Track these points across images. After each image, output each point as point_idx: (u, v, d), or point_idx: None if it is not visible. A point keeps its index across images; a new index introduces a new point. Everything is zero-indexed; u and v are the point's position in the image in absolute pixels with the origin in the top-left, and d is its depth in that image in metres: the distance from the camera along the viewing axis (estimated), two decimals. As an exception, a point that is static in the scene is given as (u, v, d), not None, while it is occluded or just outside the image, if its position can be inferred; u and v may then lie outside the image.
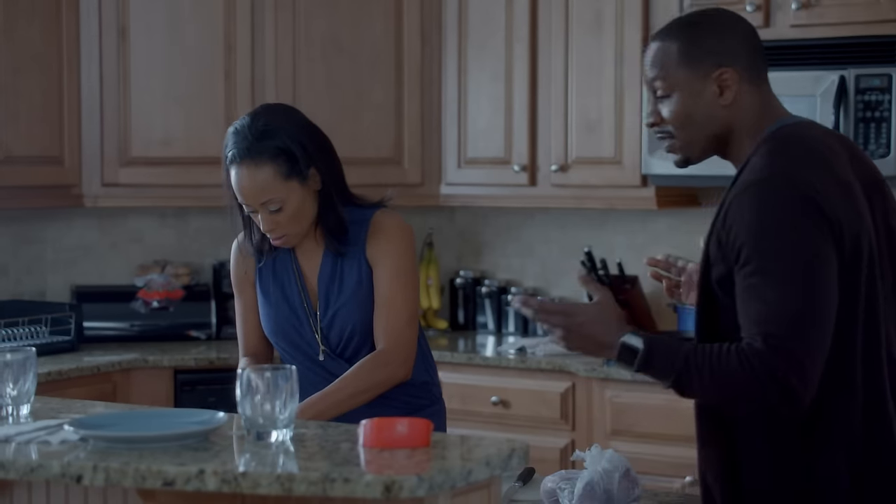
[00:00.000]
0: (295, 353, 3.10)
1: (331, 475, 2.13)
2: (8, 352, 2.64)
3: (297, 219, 3.00)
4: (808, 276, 2.27)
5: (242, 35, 5.02)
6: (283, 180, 2.96)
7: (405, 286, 3.04)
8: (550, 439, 4.48)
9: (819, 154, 2.39)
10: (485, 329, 5.31)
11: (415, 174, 5.10)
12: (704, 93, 2.43)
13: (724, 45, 2.43)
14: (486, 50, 4.96)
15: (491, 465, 2.25)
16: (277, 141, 2.95)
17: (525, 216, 5.32)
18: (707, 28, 2.45)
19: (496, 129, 4.96)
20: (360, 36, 5.05)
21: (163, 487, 2.21)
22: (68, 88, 4.91)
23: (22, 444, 2.39)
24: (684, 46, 2.43)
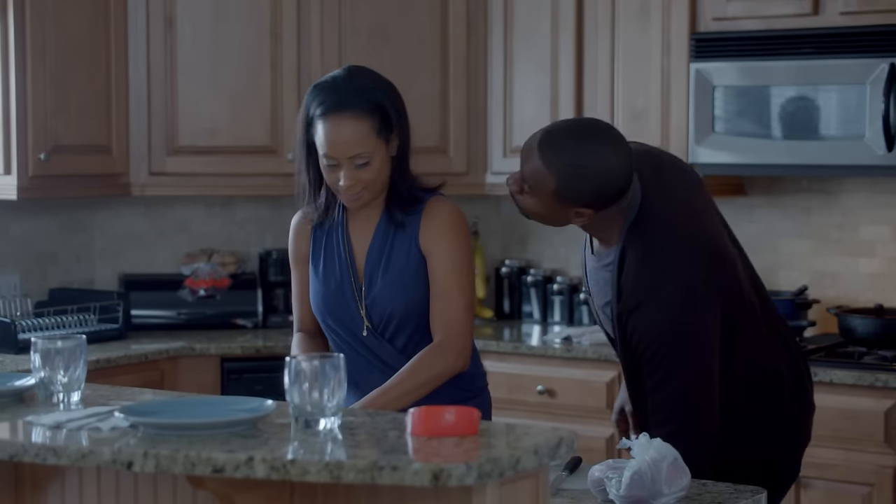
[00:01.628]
0: (338, 328, 3.10)
1: (379, 463, 2.14)
2: (59, 339, 2.66)
3: (377, 178, 2.99)
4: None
5: (288, 25, 5.03)
6: (375, 136, 2.96)
7: (461, 276, 3.02)
8: (596, 429, 4.48)
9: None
10: (530, 318, 5.30)
11: (460, 163, 5.10)
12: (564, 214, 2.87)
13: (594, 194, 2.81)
14: (532, 39, 4.95)
15: (539, 454, 2.24)
16: (374, 96, 2.97)
17: (571, 205, 5.29)
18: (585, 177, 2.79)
19: (542, 119, 4.94)
20: (406, 25, 5.05)
21: (212, 474, 2.22)
22: (116, 78, 4.94)
23: (73, 431, 2.40)
24: (559, 186, 2.80)
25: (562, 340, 4.71)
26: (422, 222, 3.04)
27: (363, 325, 3.07)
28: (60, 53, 4.72)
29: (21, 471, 2.67)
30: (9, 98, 4.62)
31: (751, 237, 4.93)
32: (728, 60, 4.50)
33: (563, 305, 5.21)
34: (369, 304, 3.06)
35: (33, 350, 2.65)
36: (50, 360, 2.64)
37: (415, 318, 3.04)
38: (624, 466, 2.64)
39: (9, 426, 2.49)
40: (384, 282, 3.05)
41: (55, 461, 2.32)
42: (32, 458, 2.34)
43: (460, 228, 3.05)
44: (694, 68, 4.55)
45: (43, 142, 4.69)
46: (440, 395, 2.96)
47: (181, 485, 2.49)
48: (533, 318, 5.29)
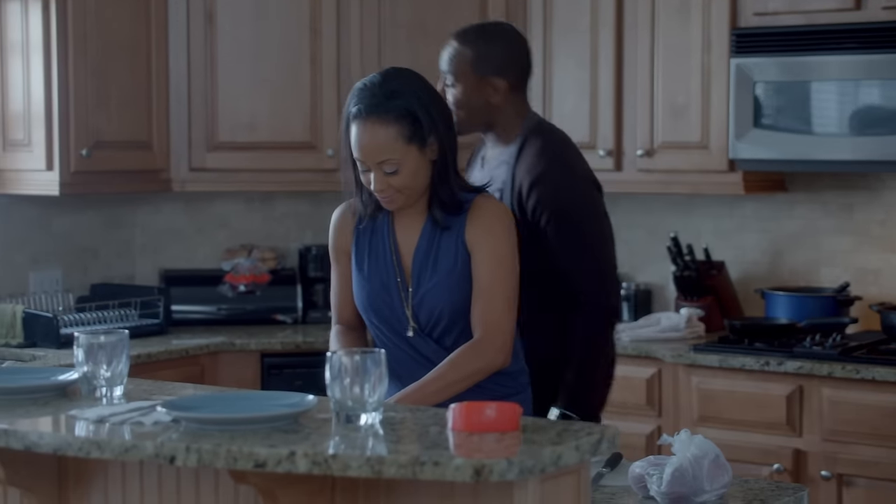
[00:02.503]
0: (384, 327, 3.09)
1: (420, 458, 2.14)
2: (101, 334, 2.68)
3: (410, 184, 2.97)
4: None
5: (328, 20, 5.04)
6: (405, 143, 2.94)
7: (504, 272, 2.99)
8: (636, 425, 4.46)
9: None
10: (569, 314, 5.28)
11: (499, 159, 5.09)
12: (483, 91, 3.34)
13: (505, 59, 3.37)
14: (572, 34, 4.94)
15: (580, 450, 2.24)
16: (405, 102, 2.94)
17: (610, 201, 5.22)
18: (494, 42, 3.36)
19: (581, 114, 4.93)
20: (446, 20, 5.04)
21: (254, 469, 2.23)
22: (157, 74, 4.96)
23: (116, 425, 2.42)
24: (476, 55, 3.34)
25: (601, 336, 4.69)
26: (467, 220, 3.01)
27: (408, 324, 3.06)
28: (102, 50, 4.75)
29: (64, 464, 2.69)
30: (51, 94, 4.65)
31: (792, 234, 4.90)
32: (769, 56, 4.48)
33: (602, 301, 5.19)
34: (416, 305, 3.04)
35: (77, 345, 2.67)
36: (93, 354, 2.66)
37: (462, 318, 3.01)
38: (665, 463, 2.63)
39: (53, 420, 2.51)
40: (432, 283, 3.03)
41: (99, 455, 2.34)
42: (76, 452, 2.36)
43: (505, 226, 3.02)
44: (734, 64, 4.53)
45: (84, 138, 4.71)
46: (483, 391, 2.94)
47: (223, 479, 2.50)
48: (572, 314, 5.27)
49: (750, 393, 4.27)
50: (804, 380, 4.20)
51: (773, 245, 4.93)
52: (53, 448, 2.39)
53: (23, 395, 2.69)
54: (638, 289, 5.15)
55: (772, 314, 4.67)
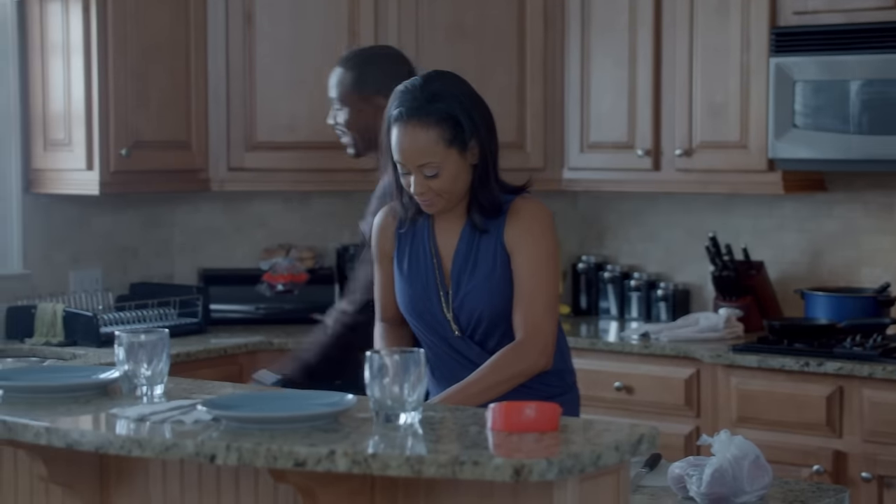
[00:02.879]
0: (426, 330, 3.09)
1: (460, 458, 2.14)
2: (142, 333, 2.69)
3: (450, 188, 2.97)
4: None
5: (366, 20, 5.05)
6: (445, 146, 2.93)
7: (545, 274, 2.98)
8: (675, 426, 4.45)
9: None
10: (607, 314, 5.28)
11: (537, 159, 5.09)
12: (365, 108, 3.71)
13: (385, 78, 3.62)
14: (610, 34, 4.93)
15: (620, 450, 2.24)
16: (446, 106, 2.93)
17: (648, 201, 5.28)
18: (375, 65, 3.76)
19: (619, 114, 4.92)
20: (484, 20, 5.05)
21: (294, 468, 2.23)
22: (195, 74, 4.98)
23: (157, 424, 2.43)
24: (356, 76, 3.75)
25: (639, 336, 4.69)
26: (506, 221, 3.00)
27: (450, 327, 3.06)
28: (141, 50, 4.78)
29: (106, 462, 2.70)
30: (91, 95, 4.68)
31: (832, 233, 4.88)
32: (809, 55, 4.45)
33: (640, 301, 5.19)
34: (457, 308, 3.04)
35: (117, 343, 2.69)
36: (134, 353, 2.67)
37: (504, 321, 3.01)
38: (705, 463, 2.63)
39: (94, 419, 2.52)
40: (471, 286, 3.02)
41: (140, 453, 2.35)
42: (117, 450, 2.37)
43: (545, 226, 3.01)
44: (774, 63, 4.51)
45: (124, 138, 4.74)
46: (529, 391, 2.92)
47: (263, 478, 2.51)
48: (610, 315, 5.27)
49: (789, 394, 4.25)
50: (844, 381, 4.17)
51: (813, 245, 4.91)
52: (95, 446, 2.40)
53: (64, 393, 2.71)
54: (676, 289, 5.13)
55: (811, 314, 4.65)
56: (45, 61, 4.78)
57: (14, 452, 2.79)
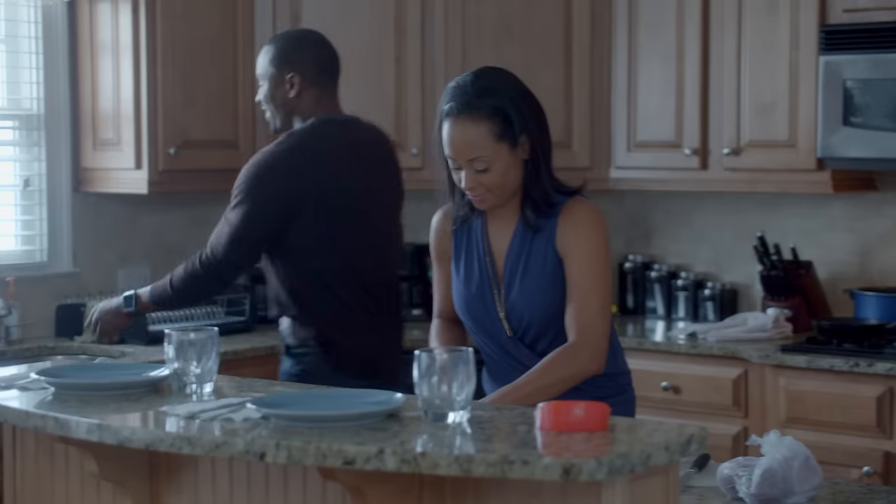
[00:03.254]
0: (479, 330, 3.08)
1: (509, 457, 2.14)
2: (192, 331, 2.71)
3: (501, 183, 2.96)
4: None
5: (413, 19, 5.05)
6: (495, 141, 2.92)
7: (597, 277, 2.96)
8: (722, 426, 4.42)
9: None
10: (654, 314, 5.26)
11: (584, 158, 5.08)
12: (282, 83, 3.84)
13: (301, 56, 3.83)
14: (657, 32, 4.91)
15: (670, 451, 2.23)
16: (496, 101, 2.92)
17: (696, 200, 5.26)
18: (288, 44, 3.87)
19: (667, 113, 4.90)
20: (530, 19, 5.04)
21: (343, 466, 2.24)
22: (243, 73, 5.00)
23: (206, 421, 2.44)
24: (274, 52, 3.86)
25: (687, 336, 4.67)
26: (559, 224, 2.98)
27: (503, 329, 3.05)
28: (189, 50, 4.81)
29: (156, 459, 2.72)
30: (140, 94, 4.71)
31: (882, 233, 4.84)
32: (859, 53, 4.41)
33: (687, 301, 5.16)
34: (509, 309, 3.03)
35: (167, 341, 2.70)
36: (183, 351, 2.69)
37: (555, 323, 2.99)
38: (754, 464, 2.61)
39: (144, 416, 2.54)
40: (522, 287, 3.01)
41: (190, 451, 2.36)
42: (167, 448, 2.39)
43: (598, 229, 2.99)
44: (823, 61, 4.48)
45: (172, 137, 4.77)
46: (582, 393, 2.87)
47: (311, 476, 2.51)
48: (657, 314, 5.25)
49: (839, 394, 4.22)
50: (894, 381, 4.14)
51: (862, 244, 4.87)
52: (145, 443, 2.42)
53: (115, 391, 2.73)
54: (724, 288, 5.11)
55: (861, 315, 4.61)
56: (95, 61, 4.82)
57: (66, 449, 2.81)
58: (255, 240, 3.78)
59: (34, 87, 4.84)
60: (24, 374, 2.91)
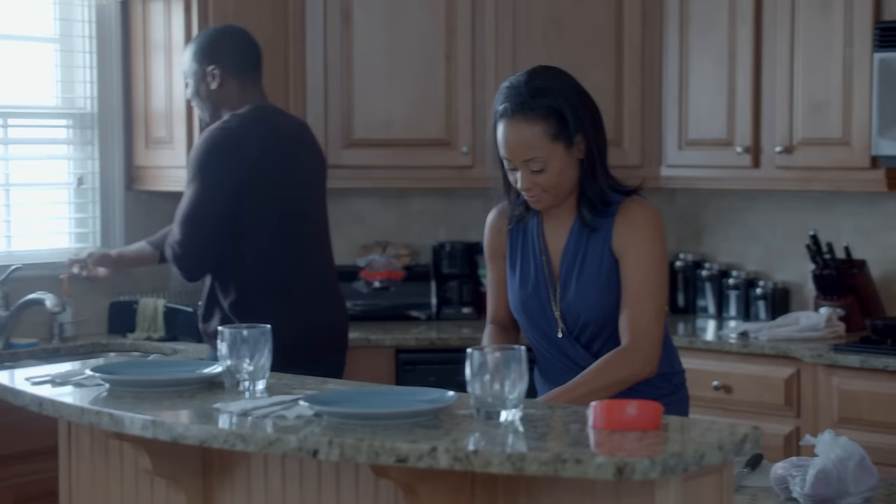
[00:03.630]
0: (533, 329, 3.08)
1: (562, 456, 2.13)
2: (244, 328, 2.72)
3: (557, 183, 2.95)
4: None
5: (463, 17, 5.05)
6: (550, 141, 2.92)
7: (652, 279, 2.94)
8: (774, 426, 4.39)
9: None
10: (705, 313, 5.24)
11: (634, 156, 5.06)
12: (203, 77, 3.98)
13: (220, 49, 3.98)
14: (709, 31, 4.88)
15: (724, 450, 2.22)
16: (551, 101, 2.92)
17: (747, 198, 5.23)
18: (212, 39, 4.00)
19: (719, 111, 4.88)
20: (581, 17, 5.03)
21: (396, 464, 2.24)
22: (294, 72, 5.02)
23: (259, 419, 2.45)
24: (195, 48, 4.02)
25: (738, 335, 4.64)
26: (615, 224, 2.97)
27: (557, 327, 3.04)
28: (241, 49, 4.82)
29: (209, 456, 2.74)
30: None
31: (936, 232, 4.80)
32: (914, 50, 4.38)
33: (738, 300, 5.13)
34: (564, 309, 3.02)
35: (220, 339, 2.72)
36: (236, 348, 2.70)
37: (610, 323, 2.98)
38: (808, 464, 2.59)
39: (198, 413, 2.55)
40: (578, 287, 3.00)
41: (243, 448, 2.37)
42: (221, 445, 2.40)
43: (654, 230, 2.97)
44: (878, 58, 4.43)
45: (224, 135, 4.79)
46: (635, 394, 2.87)
47: (363, 473, 2.52)
48: (708, 313, 5.22)
49: (893, 394, 4.18)
50: (949, 381, 4.10)
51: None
52: (199, 440, 2.43)
53: (169, 387, 2.75)
54: (776, 287, 5.07)
55: (915, 314, 4.58)
56: (148, 60, 4.85)
57: (120, 445, 2.83)
58: (209, 219, 3.89)
59: (88, 87, 4.88)
60: (79, 371, 2.93)
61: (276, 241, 3.96)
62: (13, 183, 4.69)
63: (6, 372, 3.11)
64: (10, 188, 4.69)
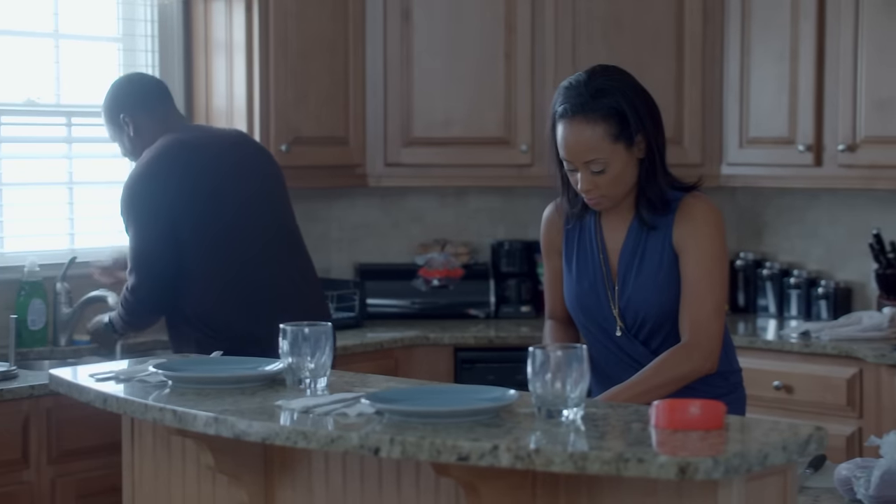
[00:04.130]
0: (591, 326, 3.07)
1: (624, 455, 2.13)
2: (306, 326, 2.73)
3: (617, 183, 2.94)
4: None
5: (523, 15, 5.05)
6: (611, 142, 2.90)
7: (712, 276, 2.93)
8: (836, 426, 4.35)
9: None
10: (766, 312, 5.20)
11: (695, 154, 5.04)
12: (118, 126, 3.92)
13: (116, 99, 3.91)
14: (771, 28, 4.85)
15: (788, 450, 2.20)
16: (612, 101, 2.90)
17: (809, 197, 5.18)
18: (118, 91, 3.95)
19: (780, 109, 4.84)
20: (641, 14, 5.01)
21: (457, 462, 2.24)
22: (353, 71, 5.04)
23: (321, 416, 2.46)
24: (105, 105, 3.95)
25: (799, 335, 4.61)
26: (675, 221, 2.96)
27: (616, 325, 3.04)
28: (301, 47, 4.85)
29: (270, 453, 2.75)
30: (252, 92, 4.76)
31: None
32: (979, 46, 4.32)
33: (799, 299, 5.09)
34: (623, 306, 3.01)
35: (282, 336, 2.73)
36: (298, 346, 2.71)
37: (669, 320, 2.97)
38: (873, 465, 2.57)
39: (260, 410, 2.56)
40: (637, 284, 2.99)
41: (305, 445, 2.38)
42: (283, 442, 2.41)
43: (715, 227, 2.96)
44: (943, 55, 4.39)
45: (284, 134, 4.82)
46: (692, 392, 2.84)
47: (424, 471, 2.52)
48: (768, 313, 5.19)
49: (957, 395, 4.14)
50: None
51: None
52: (262, 437, 2.44)
53: (231, 384, 2.77)
54: (838, 287, 5.03)
55: (980, 314, 4.52)
56: (209, 59, 4.88)
57: (182, 441, 2.85)
58: (156, 255, 3.73)
59: (150, 85, 4.92)
60: (143, 368, 2.96)
61: (232, 262, 3.80)
62: (77, 181, 4.74)
63: (70, 368, 3.15)
64: (73, 186, 4.74)
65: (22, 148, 4.68)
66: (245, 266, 3.81)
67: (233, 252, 3.80)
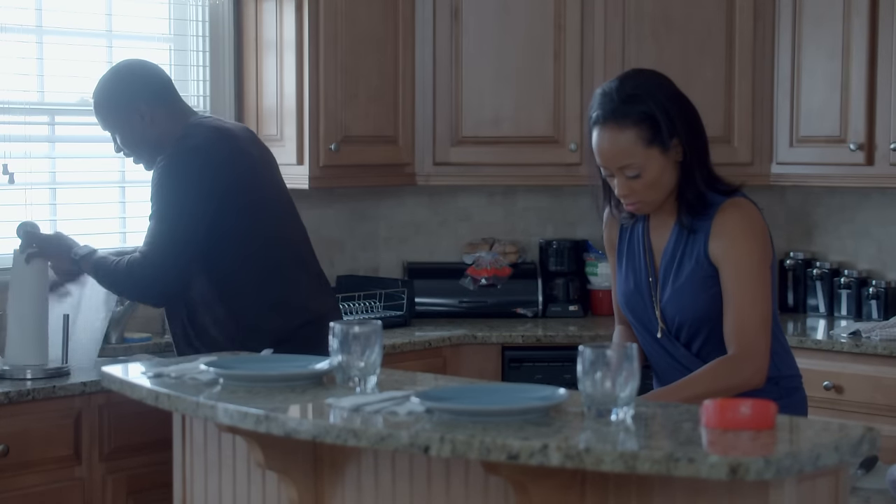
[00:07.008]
0: (639, 326, 3.08)
1: (675, 455, 2.12)
2: (356, 324, 2.74)
3: (654, 187, 2.94)
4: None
5: (572, 14, 5.04)
6: (644, 147, 2.90)
7: (755, 289, 2.90)
8: (887, 427, 4.30)
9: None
10: (815, 312, 5.17)
11: (745, 153, 5.01)
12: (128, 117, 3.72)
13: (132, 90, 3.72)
14: (823, 25, 4.81)
15: (840, 451, 2.19)
16: (643, 106, 2.90)
17: (860, 196, 5.14)
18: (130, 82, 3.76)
19: (832, 107, 4.80)
20: (691, 13, 4.99)
21: (507, 461, 2.24)
22: (403, 69, 5.05)
23: (371, 414, 2.47)
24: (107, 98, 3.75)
25: (850, 335, 4.58)
26: (712, 229, 2.94)
27: (657, 325, 3.03)
28: (351, 46, 4.86)
29: (320, 451, 2.76)
30: (302, 90, 4.78)
31: None
32: None
33: (850, 299, 5.06)
34: (663, 307, 3.02)
35: (332, 335, 2.73)
36: (348, 344, 2.72)
37: (707, 324, 2.96)
38: (926, 467, 2.55)
39: (310, 408, 2.58)
40: (674, 287, 2.99)
41: (355, 443, 2.39)
42: (333, 440, 2.42)
43: (753, 234, 2.93)
44: None
45: (334, 133, 4.83)
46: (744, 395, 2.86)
47: (473, 470, 2.52)
48: (818, 312, 5.15)
49: None
50: None
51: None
52: (312, 435, 2.45)
53: (281, 382, 2.78)
54: (889, 286, 4.99)
55: None
56: (259, 58, 4.91)
57: (233, 439, 2.87)
58: (191, 241, 3.59)
59: (201, 85, 4.95)
60: (194, 366, 2.98)
61: (265, 247, 3.73)
62: (129, 181, 4.77)
63: (121, 365, 3.17)
64: (126, 186, 4.78)
65: (75, 148, 4.72)
66: (283, 262, 3.75)
67: (275, 241, 3.74)
